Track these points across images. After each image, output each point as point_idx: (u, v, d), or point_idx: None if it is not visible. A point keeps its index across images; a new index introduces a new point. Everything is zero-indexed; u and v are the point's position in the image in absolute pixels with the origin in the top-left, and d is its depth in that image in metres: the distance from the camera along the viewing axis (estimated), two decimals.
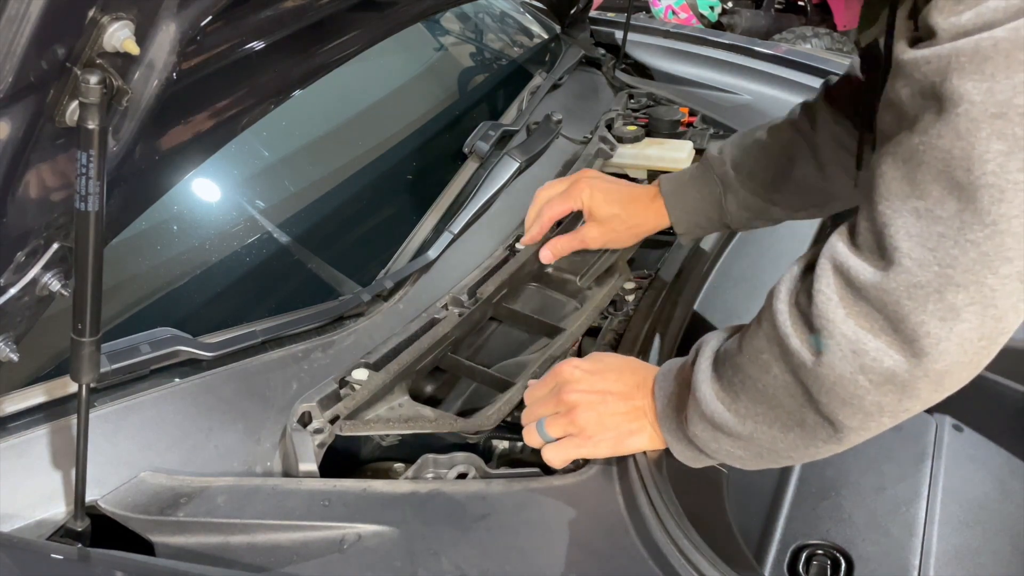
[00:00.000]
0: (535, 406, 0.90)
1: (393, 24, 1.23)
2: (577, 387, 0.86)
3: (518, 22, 1.79)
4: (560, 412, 0.86)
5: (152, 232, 0.99)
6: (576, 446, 0.85)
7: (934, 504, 1.17)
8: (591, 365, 0.89)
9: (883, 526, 1.14)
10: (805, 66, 1.70)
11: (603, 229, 1.11)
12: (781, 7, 4.65)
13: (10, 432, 0.74)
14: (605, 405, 0.85)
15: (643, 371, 0.88)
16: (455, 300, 1.06)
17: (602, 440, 0.84)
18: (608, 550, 0.77)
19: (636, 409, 0.85)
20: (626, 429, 0.84)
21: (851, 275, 0.63)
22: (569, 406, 0.85)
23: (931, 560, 1.10)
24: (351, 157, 1.25)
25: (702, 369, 0.78)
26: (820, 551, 1.11)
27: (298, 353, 0.93)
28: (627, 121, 1.50)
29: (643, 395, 0.85)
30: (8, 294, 0.67)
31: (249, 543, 0.74)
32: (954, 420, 1.29)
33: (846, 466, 1.23)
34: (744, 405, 0.73)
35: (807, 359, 0.66)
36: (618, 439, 0.84)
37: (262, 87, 0.99)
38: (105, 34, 0.60)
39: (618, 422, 0.85)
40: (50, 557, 0.68)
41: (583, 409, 0.85)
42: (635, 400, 0.85)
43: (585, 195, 1.12)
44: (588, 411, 0.85)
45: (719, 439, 0.76)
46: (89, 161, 0.61)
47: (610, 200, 1.12)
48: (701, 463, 0.82)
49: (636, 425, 0.85)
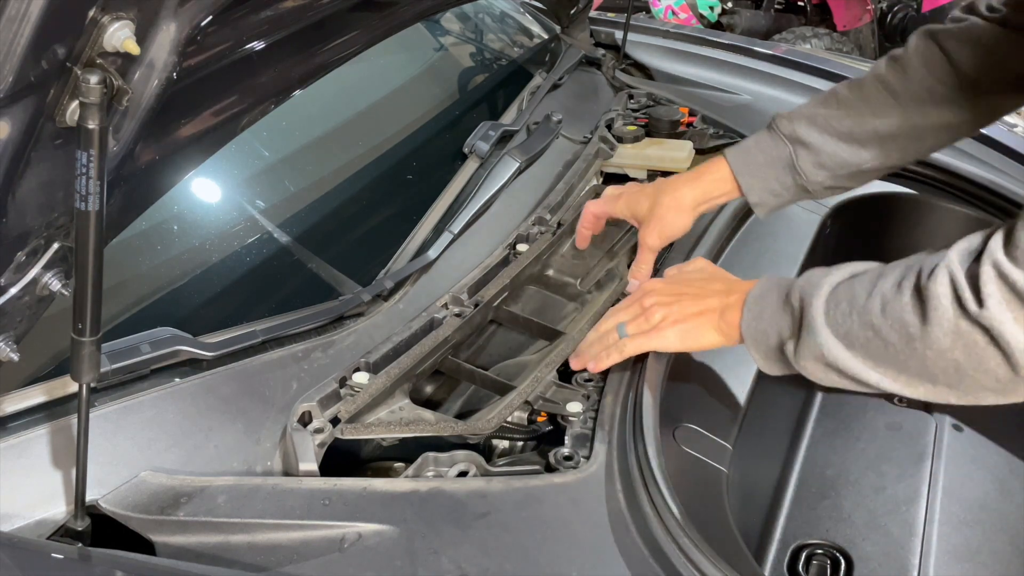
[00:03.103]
0: (618, 311, 0.99)
1: (393, 24, 1.23)
2: (654, 293, 0.96)
3: (518, 22, 1.79)
4: (637, 314, 0.96)
5: (152, 232, 0.99)
6: (646, 338, 0.94)
7: (934, 504, 1.17)
8: (673, 275, 1.00)
9: (883, 526, 1.14)
10: (805, 66, 1.69)
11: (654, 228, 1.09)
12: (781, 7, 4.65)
13: (10, 432, 0.75)
14: (678, 303, 0.94)
15: (727, 279, 0.97)
16: (455, 300, 1.06)
17: (670, 332, 0.93)
18: (609, 548, 0.77)
19: (710, 310, 0.92)
20: (694, 324, 0.93)
21: (1017, 286, 0.68)
22: (645, 308, 0.95)
23: (931, 560, 1.10)
24: (351, 157, 1.25)
25: (818, 311, 0.81)
26: (820, 551, 1.11)
27: (298, 353, 0.93)
28: (627, 121, 1.50)
29: (723, 300, 0.92)
30: (8, 294, 0.67)
31: (249, 542, 0.74)
32: (954, 420, 1.29)
33: (846, 466, 1.23)
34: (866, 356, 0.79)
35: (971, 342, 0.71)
36: (685, 332, 0.93)
37: (262, 87, 0.99)
38: (105, 34, 0.60)
39: (688, 317, 0.93)
40: (50, 557, 0.68)
41: (657, 308, 0.94)
42: (709, 300, 0.93)
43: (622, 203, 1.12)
44: (661, 309, 0.94)
45: (830, 376, 0.82)
46: (89, 161, 0.61)
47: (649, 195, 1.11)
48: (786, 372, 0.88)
49: (705, 321, 0.92)
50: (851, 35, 4.38)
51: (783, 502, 1.17)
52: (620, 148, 1.42)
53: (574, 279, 1.18)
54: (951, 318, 0.72)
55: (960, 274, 0.72)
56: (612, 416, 0.90)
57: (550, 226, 1.21)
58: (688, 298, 0.94)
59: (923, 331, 0.74)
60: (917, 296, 0.75)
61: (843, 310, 0.80)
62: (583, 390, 0.96)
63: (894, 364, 0.77)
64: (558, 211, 1.25)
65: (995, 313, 0.69)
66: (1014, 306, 0.68)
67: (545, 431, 0.96)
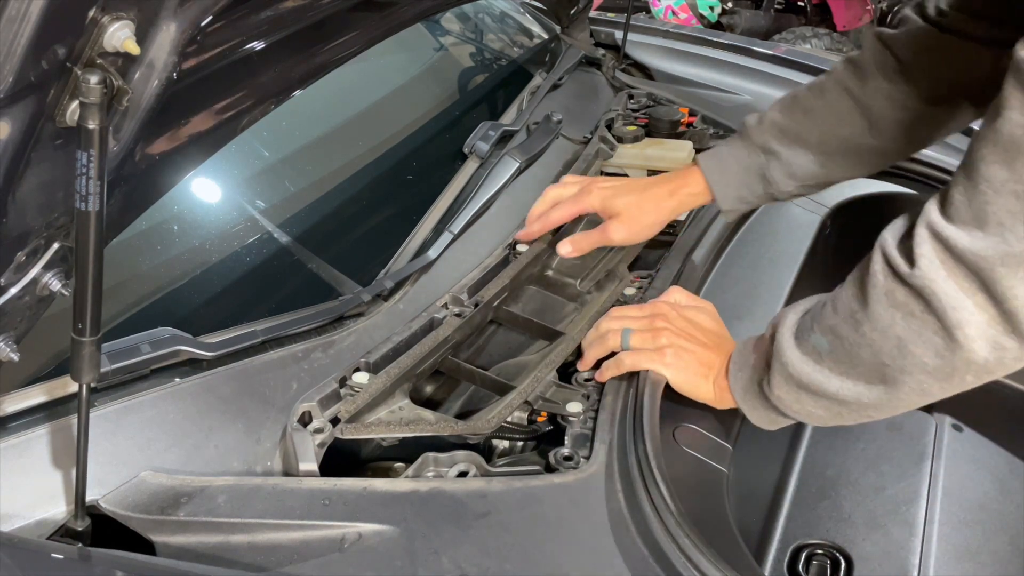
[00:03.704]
0: (627, 317, 0.99)
1: (393, 24, 1.23)
2: (667, 319, 0.97)
3: (518, 22, 1.79)
4: (649, 329, 0.96)
5: (152, 232, 0.99)
6: (647, 358, 0.94)
7: (934, 504, 1.17)
8: (687, 311, 0.99)
9: (883, 526, 1.14)
10: (805, 66, 1.69)
11: (623, 220, 1.10)
12: (781, 7, 4.65)
13: (10, 432, 0.74)
14: (689, 343, 0.95)
15: (725, 340, 0.97)
16: (455, 300, 1.06)
17: (672, 363, 0.93)
18: (609, 548, 0.77)
19: (711, 363, 0.94)
20: (697, 372, 0.94)
21: (950, 242, 0.68)
22: (657, 330, 0.95)
23: (931, 560, 1.10)
24: (351, 157, 1.25)
25: (785, 337, 0.83)
26: (820, 551, 1.11)
27: (298, 353, 0.93)
28: (627, 121, 1.50)
29: (719, 357, 0.94)
30: (8, 294, 0.67)
31: (250, 542, 0.74)
32: (954, 420, 1.29)
33: (846, 466, 1.23)
34: (829, 364, 0.80)
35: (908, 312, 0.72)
36: (685, 373, 0.94)
37: (262, 87, 0.99)
38: (105, 34, 0.60)
39: (694, 363, 0.94)
40: (50, 557, 0.68)
41: (668, 335, 0.95)
42: (711, 355, 0.94)
43: (595, 197, 1.11)
44: (672, 338, 0.95)
45: (802, 399, 0.83)
46: (89, 161, 0.61)
47: (622, 192, 1.11)
48: (776, 425, 0.90)
49: (706, 374, 0.94)
50: (851, 35, 4.38)
51: (783, 502, 1.17)
52: (620, 148, 1.42)
53: (574, 279, 1.18)
54: (884, 286, 0.73)
55: (892, 246, 0.74)
56: (612, 416, 0.90)
57: None
58: (698, 344, 0.95)
59: (865, 313, 0.75)
60: (859, 283, 0.77)
61: (806, 325, 0.82)
62: (583, 390, 0.96)
63: (850, 363, 0.78)
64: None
65: (926, 271, 0.69)
66: (949, 264, 0.68)
67: (545, 431, 0.96)
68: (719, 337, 0.98)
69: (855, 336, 0.77)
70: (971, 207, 0.67)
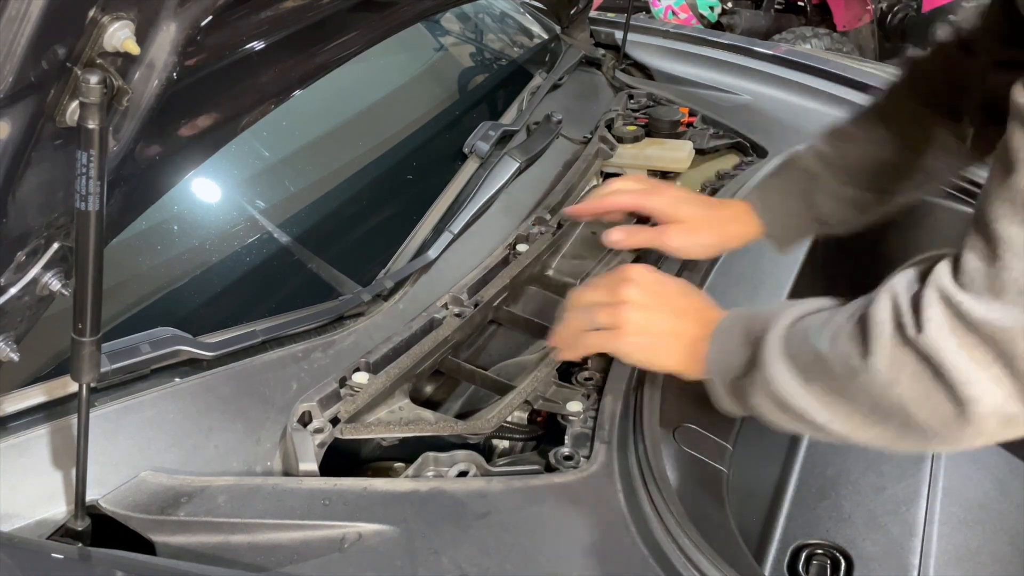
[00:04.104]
0: (590, 290, 0.91)
1: (393, 24, 1.23)
2: (634, 287, 0.87)
3: (518, 22, 1.79)
4: (611, 303, 0.87)
5: (152, 232, 0.99)
6: (608, 339, 0.87)
7: (934, 504, 1.17)
8: (659, 276, 0.90)
9: (883, 526, 1.14)
10: (805, 66, 1.70)
11: (685, 230, 1.04)
12: (781, 7, 4.65)
13: (10, 432, 0.74)
14: (656, 312, 0.86)
15: (706, 307, 0.88)
16: (455, 300, 1.06)
17: (636, 343, 0.86)
18: (609, 548, 0.77)
19: (682, 335, 0.86)
20: (659, 343, 0.86)
21: (962, 309, 0.64)
22: (621, 299, 0.87)
23: (931, 560, 1.10)
24: (351, 157, 1.25)
25: (772, 347, 0.76)
26: (820, 551, 1.11)
27: (298, 353, 0.93)
28: (627, 121, 1.50)
29: (696, 327, 0.85)
30: (8, 294, 0.67)
31: (250, 542, 0.74)
32: None
33: (846, 466, 1.23)
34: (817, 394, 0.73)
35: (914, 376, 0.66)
36: (652, 349, 0.86)
37: (262, 87, 0.99)
38: (105, 34, 0.60)
39: (659, 333, 0.86)
40: (50, 557, 0.68)
41: (632, 308, 0.86)
42: (685, 323, 0.86)
43: (664, 199, 1.05)
44: (636, 311, 0.86)
45: (776, 415, 0.77)
46: (89, 161, 0.61)
47: (693, 203, 1.06)
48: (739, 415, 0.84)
49: (673, 344, 0.85)
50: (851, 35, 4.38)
51: (783, 502, 1.17)
52: (620, 148, 1.42)
53: (574, 279, 1.18)
54: (888, 344, 0.67)
55: (904, 298, 0.68)
56: (612, 416, 0.90)
57: (550, 226, 1.21)
58: (666, 313, 0.87)
59: (864, 363, 0.69)
60: (861, 325, 0.71)
61: (798, 342, 0.76)
62: (583, 390, 0.96)
63: (844, 401, 0.72)
64: (558, 211, 1.25)
65: (935, 339, 0.64)
66: (960, 333, 0.63)
67: (539, 434, 0.96)
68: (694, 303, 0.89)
69: (849, 381, 0.71)
70: (987, 274, 0.63)
